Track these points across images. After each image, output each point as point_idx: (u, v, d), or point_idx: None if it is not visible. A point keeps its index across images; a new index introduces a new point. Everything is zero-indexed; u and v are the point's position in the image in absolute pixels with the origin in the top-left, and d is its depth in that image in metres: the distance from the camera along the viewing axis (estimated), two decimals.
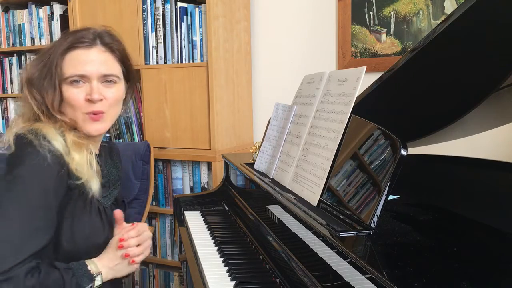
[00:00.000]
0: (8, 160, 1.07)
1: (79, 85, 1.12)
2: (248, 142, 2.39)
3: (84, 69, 1.12)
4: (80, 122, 1.14)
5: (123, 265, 1.16)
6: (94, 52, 1.14)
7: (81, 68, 1.12)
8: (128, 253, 1.15)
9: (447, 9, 1.99)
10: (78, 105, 1.12)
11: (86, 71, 1.12)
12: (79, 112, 1.13)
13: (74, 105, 1.12)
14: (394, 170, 0.89)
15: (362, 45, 2.16)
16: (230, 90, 2.23)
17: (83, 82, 1.13)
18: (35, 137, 1.07)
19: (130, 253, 1.16)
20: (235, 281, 1.13)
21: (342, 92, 1.15)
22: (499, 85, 1.01)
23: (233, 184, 1.79)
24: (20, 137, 1.08)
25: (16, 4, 2.68)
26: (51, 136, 1.08)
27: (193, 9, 2.14)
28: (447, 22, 0.98)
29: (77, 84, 1.12)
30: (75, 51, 1.13)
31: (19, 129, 1.10)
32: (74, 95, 1.12)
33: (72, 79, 1.12)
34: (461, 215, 1.13)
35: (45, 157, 1.04)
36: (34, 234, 1.02)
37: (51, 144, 1.07)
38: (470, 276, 0.77)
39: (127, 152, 2.10)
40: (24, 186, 1.03)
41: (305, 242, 1.02)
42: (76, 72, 1.12)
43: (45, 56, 1.14)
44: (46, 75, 1.12)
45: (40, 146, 1.05)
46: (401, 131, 0.94)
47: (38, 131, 1.09)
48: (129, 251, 1.16)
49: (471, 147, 1.69)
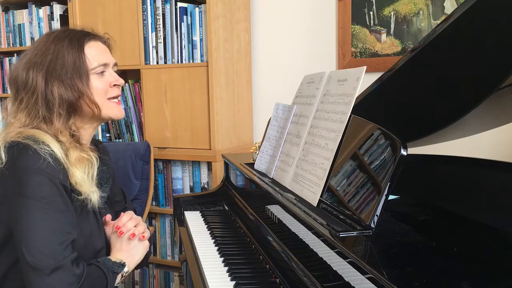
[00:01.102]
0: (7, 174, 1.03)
1: (104, 76, 1.18)
2: (248, 142, 2.39)
3: (106, 57, 1.19)
4: (107, 110, 1.18)
5: (136, 247, 1.19)
6: (100, 43, 1.21)
7: (104, 58, 1.18)
8: (133, 232, 1.19)
9: (447, 9, 1.99)
10: (105, 91, 1.18)
11: (108, 59, 1.20)
12: (105, 99, 1.18)
13: (102, 92, 1.16)
14: (394, 170, 0.89)
15: (362, 45, 2.16)
16: (230, 90, 2.23)
17: (105, 71, 1.19)
18: (33, 142, 1.05)
19: (135, 232, 1.19)
20: (235, 281, 1.13)
21: (342, 92, 1.15)
22: (499, 85, 1.01)
23: (233, 184, 1.79)
24: (12, 146, 1.05)
25: (16, 4, 2.68)
26: (49, 141, 1.07)
27: (193, 9, 2.14)
28: (447, 22, 0.98)
29: (102, 75, 1.18)
30: (89, 43, 1.17)
31: (11, 137, 1.07)
32: (102, 84, 1.17)
33: (98, 69, 1.16)
34: (461, 215, 1.13)
35: (47, 159, 1.04)
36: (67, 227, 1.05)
37: (50, 148, 1.06)
38: (470, 276, 0.77)
39: (127, 152, 2.10)
40: (40, 190, 1.02)
41: (305, 242, 1.02)
42: (101, 61, 1.17)
43: (60, 47, 1.13)
44: (70, 64, 1.12)
45: (40, 150, 1.04)
46: (401, 131, 0.94)
47: (35, 137, 1.07)
48: (134, 231, 1.19)
49: (471, 147, 1.69)
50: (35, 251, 1.00)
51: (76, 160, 1.09)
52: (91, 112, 1.16)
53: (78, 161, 1.10)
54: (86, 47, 1.15)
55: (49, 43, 1.14)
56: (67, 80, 1.11)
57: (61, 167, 1.06)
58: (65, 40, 1.14)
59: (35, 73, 1.11)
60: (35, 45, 1.16)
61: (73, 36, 1.15)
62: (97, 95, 1.15)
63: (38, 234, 1.01)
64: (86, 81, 1.13)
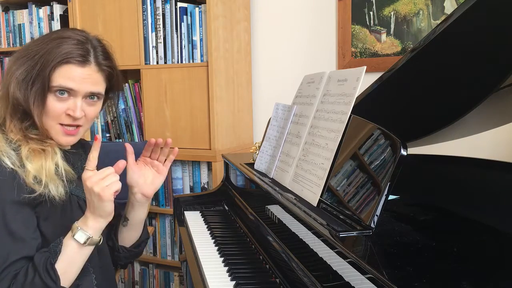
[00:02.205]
0: None
1: (63, 98, 1.10)
2: (248, 142, 2.39)
3: (75, 84, 1.10)
4: (53, 133, 1.12)
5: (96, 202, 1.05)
6: (87, 71, 1.11)
7: (72, 83, 1.10)
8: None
9: (447, 9, 1.99)
10: (58, 117, 1.11)
11: (76, 87, 1.10)
12: (55, 123, 1.12)
13: (53, 116, 1.10)
14: (394, 170, 0.89)
15: (362, 45, 2.16)
16: (230, 90, 2.23)
17: (68, 95, 1.11)
18: None
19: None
20: (235, 281, 1.13)
21: (342, 92, 1.15)
22: (499, 85, 1.01)
23: (233, 184, 1.79)
24: None
25: (16, 4, 2.68)
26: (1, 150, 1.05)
27: (193, 9, 2.14)
28: (447, 22, 0.98)
29: (62, 97, 1.10)
30: (68, 65, 1.10)
31: None
32: (57, 108, 1.10)
33: (59, 89, 1.09)
34: (461, 215, 1.13)
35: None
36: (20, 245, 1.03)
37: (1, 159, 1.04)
38: (470, 276, 0.77)
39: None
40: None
41: (305, 242, 1.02)
42: (66, 85, 1.09)
43: (34, 59, 1.10)
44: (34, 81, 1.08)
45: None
46: (401, 131, 0.94)
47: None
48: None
49: (471, 147, 1.69)
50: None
51: (28, 154, 1.07)
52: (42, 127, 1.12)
53: (31, 155, 1.07)
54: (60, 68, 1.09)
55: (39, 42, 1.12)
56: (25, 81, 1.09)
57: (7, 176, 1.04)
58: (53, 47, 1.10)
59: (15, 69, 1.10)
60: (29, 42, 1.15)
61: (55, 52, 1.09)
62: (46, 116, 1.10)
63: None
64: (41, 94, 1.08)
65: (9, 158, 1.06)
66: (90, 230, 1.06)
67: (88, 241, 1.06)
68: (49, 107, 1.10)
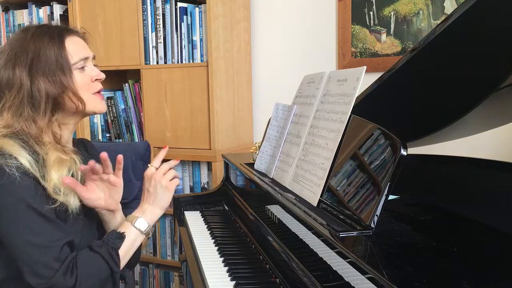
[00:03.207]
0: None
1: (85, 71, 1.16)
2: (248, 142, 2.39)
3: (86, 52, 1.18)
4: (94, 105, 1.17)
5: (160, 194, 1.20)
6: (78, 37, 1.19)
7: (84, 52, 1.17)
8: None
9: (447, 9, 1.99)
10: (88, 85, 1.16)
11: (88, 53, 1.18)
12: (90, 94, 1.17)
13: (86, 86, 1.15)
14: (394, 170, 0.89)
15: (362, 45, 2.16)
16: (230, 90, 2.23)
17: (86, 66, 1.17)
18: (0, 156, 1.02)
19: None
20: (235, 281, 1.13)
21: (342, 92, 1.15)
22: (499, 85, 1.01)
23: (233, 184, 1.79)
24: None
25: (16, 4, 2.68)
26: (17, 153, 1.03)
27: (193, 9, 2.14)
28: (447, 22, 0.98)
29: (83, 70, 1.16)
30: (68, 38, 1.15)
31: None
32: (87, 78, 1.16)
33: (80, 64, 1.15)
34: (461, 215, 1.13)
35: (13, 175, 1.00)
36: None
37: (18, 160, 1.02)
38: (470, 276, 0.77)
39: (127, 152, 2.10)
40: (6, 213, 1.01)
41: (305, 242, 1.02)
42: (82, 56, 1.15)
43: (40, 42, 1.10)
44: (53, 60, 1.09)
45: (6, 165, 1.00)
46: (401, 131, 0.94)
47: (1, 150, 1.03)
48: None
49: (471, 147, 1.69)
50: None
51: (54, 162, 1.06)
52: (74, 108, 1.14)
53: (57, 163, 1.07)
54: (66, 42, 1.14)
55: (28, 40, 1.11)
56: (51, 76, 1.09)
57: (31, 181, 1.03)
58: (45, 37, 1.12)
59: (18, 71, 1.08)
60: (12, 43, 1.12)
61: (52, 32, 1.13)
62: (81, 90, 1.14)
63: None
64: (70, 76, 1.12)
65: (29, 162, 1.03)
66: (148, 219, 1.17)
67: (147, 229, 1.16)
68: (81, 81, 1.14)
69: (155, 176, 1.20)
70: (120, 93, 2.39)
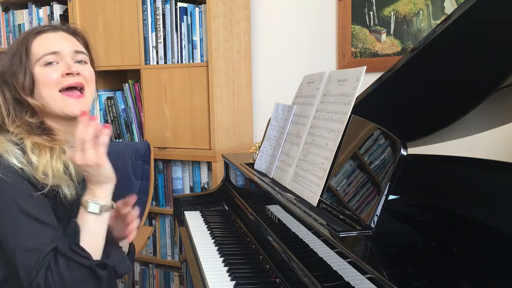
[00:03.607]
0: None
1: (53, 66, 1.10)
2: (248, 142, 2.39)
3: (56, 45, 1.11)
4: (59, 105, 1.10)
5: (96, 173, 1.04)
6: (61, 34, 1.15)
7: (53, 46, 1.11)
8: None
9: (447, 9, 1.99)
10: (54, 82, 1.09)
11: (59, 46, 1.11)
12: (55, 92, 1.09)
13: (49, 83, 1.09)
14: (394, 170, 0.89)
15: (362, 45, 2.16)
16: (230, 90, 2.23)
17: (56, 62, 1.11)
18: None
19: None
20: (235, 281, 1.13)
21: (342, 92, 1.15)
22: (499, 85, 1.01)
23: (233, 184, 1.79)
24: None
25: (16, 4, 2.68)
26: (4, 148, 1.04)
27: (193, 9, 2.14)
28: (447, 22, 0.98)
29: (51, 65, 1.10)
30: (43, 35, 1.12)
31: None
32: (48, 74, 1.09)
33: (46, 59, 1.09)
34: (461, 215, 1.13)
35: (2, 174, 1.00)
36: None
37: (2, 158, 1.02)
38: (470, 276, 0.77)
39: (127, 152, 2.10)
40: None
41: (305, 242, 1.02)
42: (48, 50, 1.10)
43: (11, 50, 1.12)
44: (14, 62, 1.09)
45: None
46: (401, 131, 0.94)
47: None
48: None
49: (471, 147, 1.69)
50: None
51: (33, 146, 1.06)
52: (39, 108, 1.11)
53: (36, 147, 1.06)
54: (34, 41, 1.11)
55: (13, 44, 1.15)
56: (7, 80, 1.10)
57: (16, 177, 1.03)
58: (20, 39, 1.13)
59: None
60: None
61: (26, 34, 1.13)
62: (44, 87, 1.09)
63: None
64: (24, 76, 1.08)
65: (16, 157, 1.04)
66: (100, 199, 1.06)
67: (102, 209, 1.06)
68: (43, 77, 1.09)
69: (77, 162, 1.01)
70: (120, 93, 2.39)
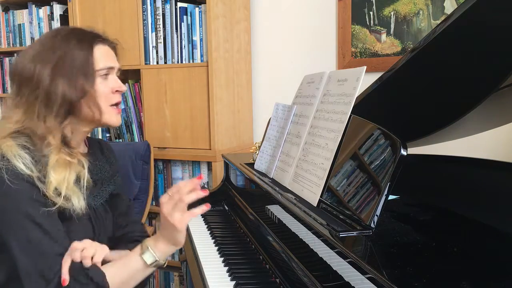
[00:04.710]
0: None
1: (108, 78, 1.15)
2: (248, 142, 2.39)
3: (113, 61, 1.16)
4: (107, 117, 1.14)
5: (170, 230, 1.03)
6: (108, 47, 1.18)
7: (111, 61, 1.16)
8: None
9: (447, 9, 1.99)
10: (109, 96, 1.14)
11: (114, 62, 1.17)
12: (107, 105, 1.14)
13: (105, 96, 1.13)
14: (394, 170, 0.89)
15: (362, 45, 2.16)
16: (230, 90, 2.23)
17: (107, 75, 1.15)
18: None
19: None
20: (235, 281, 1.13)
21: (342, 92, 1.15)
22: (499, 85, 1.01)
23: (233, 184, 1.79)
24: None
25: (16, 4, 2.68)
26: (13, 153, 1.01)
27: (193, 9, 2.14)
28: (447, 22, 0.98)
29: (107, 77, 1.14)
30: (98, 45, 1.14)
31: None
32: (108, 88, 1.14)
33: (104, 72, 1.13)
34: (461, 215, 1.13)
35: (2, 180, 0.98)
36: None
37: (10, 163, 1.00)
38: (470, 276, 0.77)
39: (127, 152, 2.10)
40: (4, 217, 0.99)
41: (305, 242, 1.02)
42: (108, 64, 1.14)
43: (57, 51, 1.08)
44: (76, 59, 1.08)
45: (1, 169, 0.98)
46: (401, 131, 0.94)
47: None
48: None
49: (471, 147, 1.69)
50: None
51: (56, 163, 1.04)
52: (91, 115, 1.11)
53: (58, 165, 1.04)
54: (95, 48, 1.12)
55: (57, 40, 1.10)
56: (73, 79, 1.07)
57: (24, 184, 1.00)
58: (74, 39, 1.11)
59: (41, 68, 1.06)
60: (42, 40, 1.12)
61: (84, 36, 1.13)
62: (100, 99, 1.12)
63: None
64: (92, 82, 1.10)
65: (25, 163, 1.01)
66: (158, 253, 1.05)
67: (154, 263, 1.04)
68: (101, 90, 1.12)
69: (163, 209, 1.02)
70: None
